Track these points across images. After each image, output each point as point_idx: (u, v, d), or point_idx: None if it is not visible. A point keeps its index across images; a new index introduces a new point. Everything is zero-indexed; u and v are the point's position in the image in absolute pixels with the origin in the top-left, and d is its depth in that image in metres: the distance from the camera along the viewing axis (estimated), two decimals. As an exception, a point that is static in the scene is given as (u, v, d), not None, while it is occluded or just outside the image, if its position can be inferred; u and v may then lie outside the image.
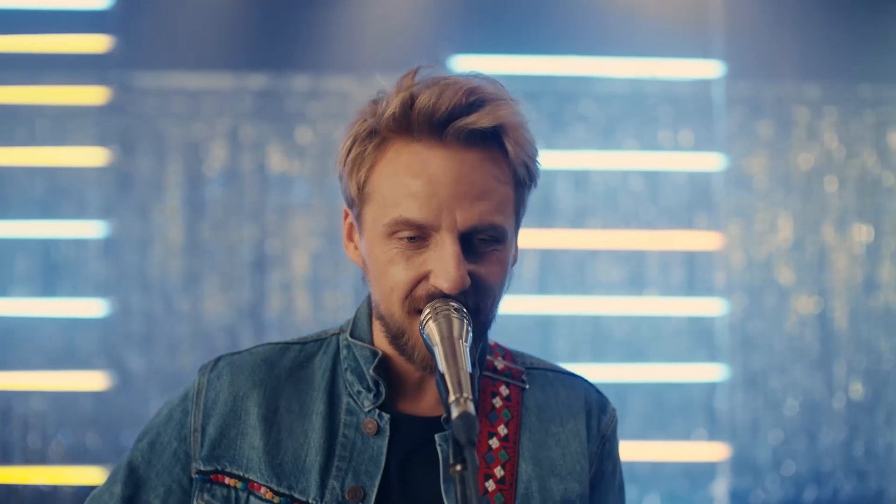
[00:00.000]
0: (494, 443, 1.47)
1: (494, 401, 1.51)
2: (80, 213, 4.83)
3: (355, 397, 1.49)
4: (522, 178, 1.45)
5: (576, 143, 4.88)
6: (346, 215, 1.51)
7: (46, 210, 4.80)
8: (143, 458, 1.51)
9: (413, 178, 1.38)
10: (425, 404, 1.50)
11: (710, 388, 4.86)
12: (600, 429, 1.55)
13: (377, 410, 1.47)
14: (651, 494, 4.81)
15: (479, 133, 1.38)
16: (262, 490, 1.44)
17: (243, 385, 1.50)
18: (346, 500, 1.41)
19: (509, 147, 1.41)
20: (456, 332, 1.32)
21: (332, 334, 1.57)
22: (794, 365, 4.89)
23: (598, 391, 1.60)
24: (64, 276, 4.82)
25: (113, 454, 4.69)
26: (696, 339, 4.91)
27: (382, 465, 1.44)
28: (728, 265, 4.89)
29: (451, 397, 1.21)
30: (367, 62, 4.92)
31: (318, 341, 1.57)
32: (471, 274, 1.38)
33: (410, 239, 1.39)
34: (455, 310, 1.35)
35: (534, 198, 4.66)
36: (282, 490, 1.43)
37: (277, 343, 1.57)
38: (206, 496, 1.46)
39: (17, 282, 4.80)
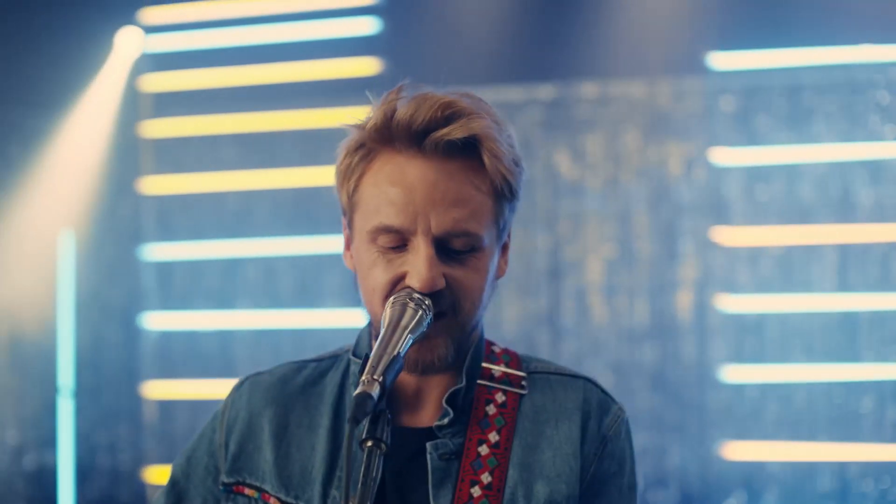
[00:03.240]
0: (484, 450, 1.60)
1: (488, 408, 1.64)
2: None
3: None
4: (501, 190, 1.58)
5: (872, 134, 5.04)
6: (345, 226, 1.69)
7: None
8: (182, 473, 1.74)
9: (392, 186, 1.54)
10: (424, 415, 1.65)
11: None
12: (601, 429, 1.65)
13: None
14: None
15: (455, 144, 1.53)
16: (272, 500, 1.64)
17: (258, 403, 1.70)
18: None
19: (486, 159, 1.55)
20: (405, 321, 1.47)
21: (346, 351, 1.73)
22: None
23: (602, 392, 1.70)
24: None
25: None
26: None
27: (379, 476, 1.53)
28: None
29: (363, 376, 1.38)
30: (638, 66, 5.31)
31: (334, 358, 1.75)
32: (447, 277, 1.54)
33: (389, 243, 1.55)
34: (412, 300, 1.51)
35: (831, 192, 4.97)
36: (289, 500, 1.63)
37: (297, 361, 1.76)
38: None
39: (327, 295, 5.48)
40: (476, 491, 1.57)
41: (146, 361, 5.85)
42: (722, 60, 5.20)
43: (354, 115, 1.63)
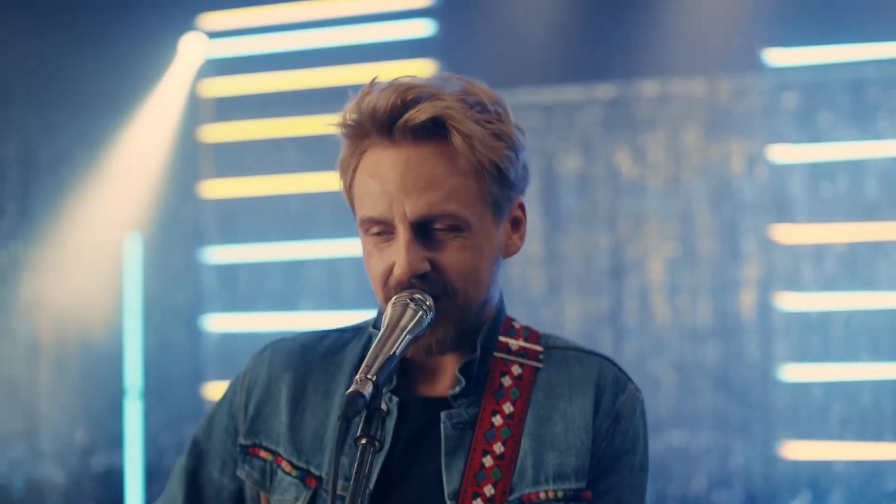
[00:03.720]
0: (497, 420, 1.63)
1: (504, 380, 1.67)
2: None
3: None
4: (485, 168, 1.60)
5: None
6: None
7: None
8: (203, 434, 1.79)
9: (370, 177, 1.60)
10: (441, 386, 1.68)
11: None
12: (615, 406, 1.66)
13: (389, 394, 1.67)
14: None
15: (422, 128, 1.57)
16: (284, 463, 1.69)
17: (278, 368, 1.74)
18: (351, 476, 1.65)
19: (454, 138, 1.57)
20: (403, 322, 1.52)
21: (369, 324, 1.78)
22: None
23: (619, 370, 1.72)
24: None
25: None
26: None
27: (388, 444, 1.63)
28: None
29: (357, 375, 1.44)
30: (698, 63, 5.27)
31: (356, 329, 1.79)
32: (433, 261, 1.58)
33: (378, 234, 1.61)
34: (412, 300, 1.55)
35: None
36: (300, 464, 1.67)
37: (321, 330, 1.81)
38: (247, 467, 1.72)
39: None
40: (488, 461, 1.60)
41: (209, 363, 5.99)
42: (783, 57, 5.22)
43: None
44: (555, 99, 5.47)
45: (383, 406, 1.59)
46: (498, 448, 1.61)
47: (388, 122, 1.58)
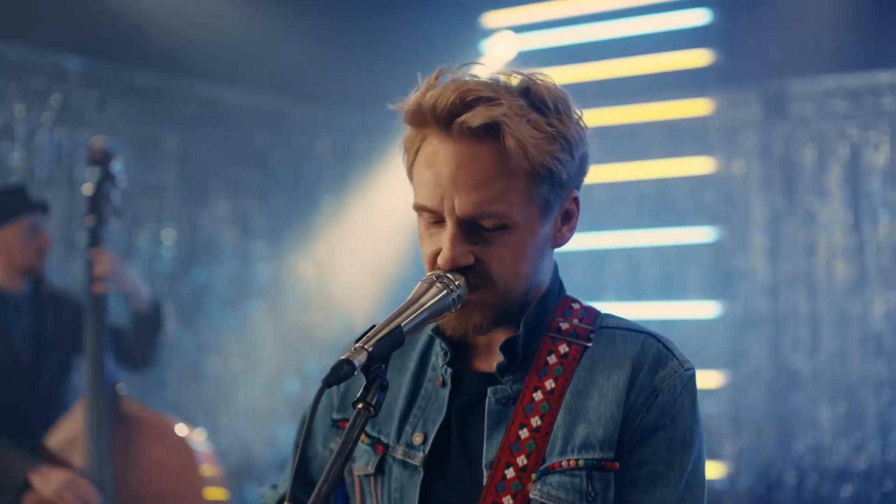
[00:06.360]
0: (538, 395, 1.75)
1: (549, 358, 1.78)
2: (745, 220, 5.69)
3: (437, 356, 1.87)
4: (537, 171, 1.70)
5: None
6: None
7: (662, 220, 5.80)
8: (310, 412, 1.98)
9: (426, 168, 1.72)
10: (493, 362, 1.81)
11: None
12: (653, 381, 1.73)
13: (445, 366, 1.83)
14: None
15: (478, 129, 1.67)
16: (362, 435, 1.79)
17: None
18: (412, 444, 1.82)
19: (509, 143, 1.66)
20: (424, 299, 1.65)
21: None
22: None
23: (664, 347, 1.78)
24: (729, 279, 5.74)
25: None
26: None
27: (444, 414, 1.81)
28: None
29: (356, 343, 1.56)
30: None
31: None
32: (476, 254, 1.71)
33: (433, 222, 1.74)
34: (440, 279, 1.68)
35: None
36: (372, 433, 1.87)
37: None
38: (336, 440, 1.94)
39: (690, 286, 5.75)
40: (524, 433, 1.74)
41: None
42: None
43: (690, 109, 1.89)
44: (860, 84, 5.48)
45: (438, 379, 1.87)
46: (535, 422, 1.74)
47: (447, 119, 1.71)
